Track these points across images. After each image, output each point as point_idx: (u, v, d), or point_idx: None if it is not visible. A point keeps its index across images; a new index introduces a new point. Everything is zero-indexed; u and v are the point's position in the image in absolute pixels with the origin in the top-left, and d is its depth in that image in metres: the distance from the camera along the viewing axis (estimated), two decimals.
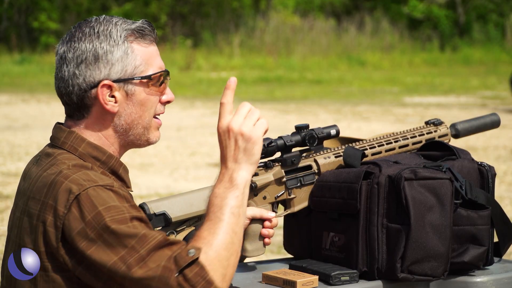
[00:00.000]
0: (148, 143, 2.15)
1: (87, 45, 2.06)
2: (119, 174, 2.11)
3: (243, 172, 1.98)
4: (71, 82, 2.07)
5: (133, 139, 2.12)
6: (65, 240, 1.93)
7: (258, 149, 2.00)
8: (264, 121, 2.04)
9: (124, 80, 2.07)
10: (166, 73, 2.13)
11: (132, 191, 2.16)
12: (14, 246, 2.03)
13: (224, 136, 2.00)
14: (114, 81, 2.06)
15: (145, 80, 2.08)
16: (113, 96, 2.07)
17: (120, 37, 2.07)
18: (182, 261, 1.88)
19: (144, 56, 2.09)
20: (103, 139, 2.10)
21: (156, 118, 2.14)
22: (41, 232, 1.95)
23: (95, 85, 2.06)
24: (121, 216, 1.92)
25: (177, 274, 1.87)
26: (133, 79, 2.07)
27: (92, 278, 1.94)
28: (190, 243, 1.92)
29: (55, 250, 1.94)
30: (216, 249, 1.91)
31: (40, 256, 1.96)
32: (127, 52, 2.07)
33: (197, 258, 1.89)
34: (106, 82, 2.06)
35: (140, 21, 2.13)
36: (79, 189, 1.93)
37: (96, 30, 2.07)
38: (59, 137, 2.10)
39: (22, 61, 23.09)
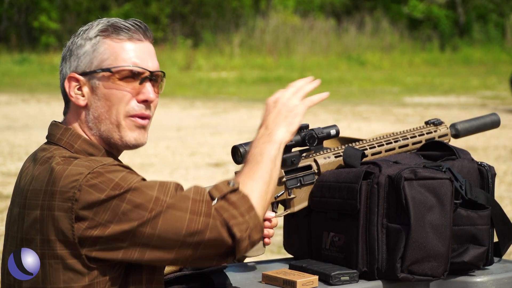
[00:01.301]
0: (123, 142, 2.11)
1: (69, 44, 2.13)
2: None
3: (282, 132, 2.14)
4: (60, 77, 2.14)
5: (107, 137, 2.09)
6: (83, 219, 1.92)
7: (298, 120, 2.17)
8: (311, 98, 2.23)
9: (88, 73, 2.08)
10: (148, 73, 2.10)
11: None
12: (16, 242, 2.02)
13: (270, 105, 2.18)
14: (81, 74, 2.08)
15: (107, 74, 2.07)
16: (80, 90, 2.09)
17: (94, 32, 2.09)
18: (224, 188, 1.99)
19: (114, 51, 2.08)
20: (85, 135, 2.10)
21: (134, 117, 2.10)
22: (50, 220, 1.94)
23: (65, 78, 2.11)
24: (138, 178, 1.96)
25: (220, 197, 1.98)
26: (95, 72, 2.07)
27: (113, 250, 1.93)
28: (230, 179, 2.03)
29: (70, 233, 1.92)
30: (255, 182, 2.04)
31: (50, 245, 1.95)
32: (95, 46, 2.08)
33: (238, 188, 2.00)
34: (71, 74, 2.09)
35: (130, 19, 2.14)
36: (87, 168, 1.94)
37: (83, 29, 2.12)
38: (55, 134, 2.10)
39: (22, 61, 23.10)
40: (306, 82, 2.25)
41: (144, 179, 1.99)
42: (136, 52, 2.09)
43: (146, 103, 2.11)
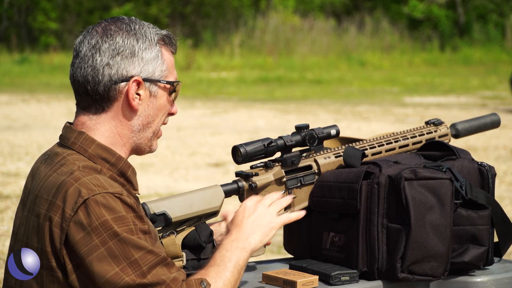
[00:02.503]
0: (150, 150, 2.17)
1: (125, 40, 2.07)
2: (127, 176, 2.11)
3: (256, 241, 2.12)
4: (102, 71, 2.05)
5: (141, 143, 2.13)
6: (67, 243, 1.93)
7: (272, 234, 2.15)
8: (289, 215, 2.20)
9: (151, 81, 2.09)
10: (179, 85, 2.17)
11: (139, 193, 2.17)
12: (21, 245, 2.03)
13: (248, 209, 2.15)
14: (144, 79, 2.08)
15: (168, 86, 2.12)
16: (138, 94, 2.08)
17: (154, 39, 2.10)
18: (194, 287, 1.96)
19: (169, 63, 2.13)
20: (116, 137, 2.09)
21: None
22: (47, 231, 1.95)
23: (127, 79, 2.06)
24: (128, 228, 1.94)
25: None
26: (159, 81, 2.09)
27: (87, 285, 1.94)
28: (196, 276, 2.00)
29: (58, 250, 1.94)
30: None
31: (46, 256, 1.96)
32: (158, 55, 2.10)
33: None
34: (137, 78, 2.07)
35: (165, 30, 2.15)
36: (88, 193, 1.93)
37: (132, 27, 2.09)
38: (69, 137, 2.09)
39: (22, 61, 23.10)
40: (282, 195, 2.23)
41: (145, 232, 1.97)
42: (175, 67, 2.17)
43: (172, 115, 2.19)
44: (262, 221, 2.13)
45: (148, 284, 1.91)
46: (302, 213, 2.22)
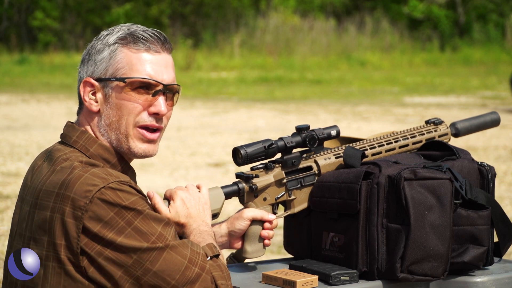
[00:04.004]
0: (131, 153, 2.11)
1: (89, 45, 2.13)
2: None
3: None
4: (77, 79, 2.14)
5: (117, 145, 2.11)
6: (87, 232, 1.93)
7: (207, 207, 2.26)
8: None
9: (103, 80, 2.08)
10: (161, 86, 2.09)
11: None
12: (23, 240, 2.02)
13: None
14: (96, 79, 2.08)
15: (120, 83, 2.07)
16: (95, 95, 2.09)
17: (113, 39, 2.09)
18: (212, 251, 2.08)
19: (130, 61, 2.08)
20: (97, 139, 2.11)
21: (141, 129, 2.10)
22: (59, 223, 1.95)
23: (81, 81, 2.11)
24: (147, 207, 1.99)
25: (210, 257, 2.06)
26: (109, 79, 2.07)
27: (107, 275, 1.95)
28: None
29: (75, 242, 1.94)
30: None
31: (55, 248, 1.95)
32: (113, 54, 2.08)
33: (220, 254, 2.11)
34: (87, 79, 2.09)
35: (150, 29, 2.12)
36: (103, 182, 1.95)
37: (104, 33, 2.12)
38: (71, 136, 2.10)
39: (22, 61, 23.10)
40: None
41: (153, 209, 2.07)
42: (152, 64, 2.09)
43: (158, 116, 2.11)
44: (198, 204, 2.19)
45: (175, 245, 1.99)
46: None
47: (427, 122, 2.66)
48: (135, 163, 2.24)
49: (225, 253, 2.92)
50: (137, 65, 2.08)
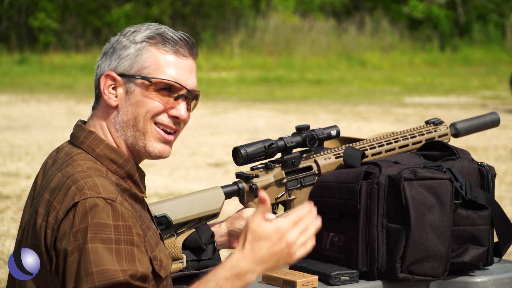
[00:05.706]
0: (146, 151, 2.09)
1: (112, 40, 2.11)
2: (135, 179, 2.09)
3: (259, 273, 1.89)
4: (96, 72, 2.11)
5: (132, 143, 2.09)
6: (55, 244, 1.93)
7: (282, 265, 1.91)
8: (302, 253, 1.91)
9: (127, 76, 2.07)
10: (185, 91, 2.09)
11: (146, 197, 2.15)
12: (26, 245, 2.03)
13: (270, 236, 1.88)
14: (119, 74, 2.07)
15: (146, 82, 2.06)
16: (114, 90, 2.08)
17: (141, 37, 2.08)
18: None
19: (157, 61, 2.07)
20: (109, 136, 2.09)
21: (159, 128, 2.10)
22: (43, 232, 1.96)
23: (103, 74, 2.09)
24: (107, 236, 1.89)
25: None
26: (134, 76, 2.06)
27: (67, 278, 1.92)
28: None
29: (51, 251, 1.94)
30: None
31: (42, 256, 1.96)
32: (140, 51, 2.07)
33: None
34: (109, 72, 2.07)
35: (179, 32, 2.12)
36: (80, 197, 1.92)
37: (130, 29, 2.11)
38: (79, 136, 2.09)
39: (22, 61, 23.10)
40: (309, 212, 1.93)
41: (132, 243, 1.90)
42: (178, 68, 2.08)
43: (177, 119, 2.11)
44: (282, 257, 1.89)
45: None
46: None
47: (427, 122, 2.66)
48: None
49: (225, 253, 2.92)
50: (163, 66, 2.07)
